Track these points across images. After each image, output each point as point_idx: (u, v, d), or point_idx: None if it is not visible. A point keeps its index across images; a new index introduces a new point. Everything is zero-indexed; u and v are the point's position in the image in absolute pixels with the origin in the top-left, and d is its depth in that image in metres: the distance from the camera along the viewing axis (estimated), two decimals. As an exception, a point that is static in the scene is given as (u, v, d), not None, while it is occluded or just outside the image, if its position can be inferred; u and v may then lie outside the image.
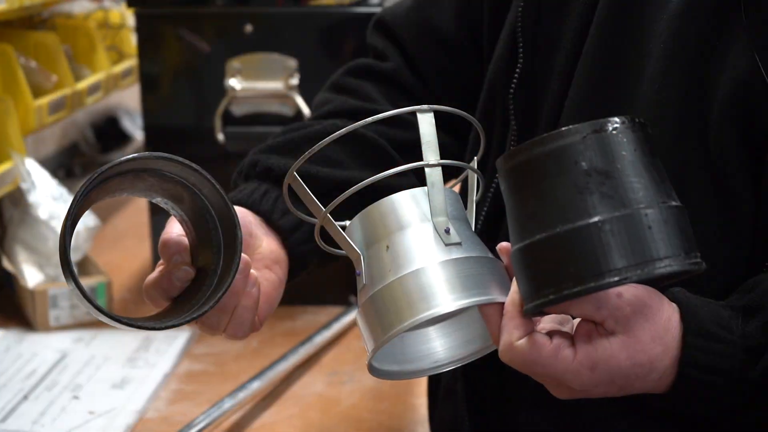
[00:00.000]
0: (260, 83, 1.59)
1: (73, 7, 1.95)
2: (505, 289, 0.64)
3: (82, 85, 1.78)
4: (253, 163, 0.92)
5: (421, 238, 0.67)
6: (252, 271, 0.75)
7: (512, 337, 0.61)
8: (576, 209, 0.55)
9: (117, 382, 1.33)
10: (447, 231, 0.66)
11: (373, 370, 0.70)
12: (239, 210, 0.80)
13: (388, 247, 0.67)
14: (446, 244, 0.65)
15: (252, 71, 1.58)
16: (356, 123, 0.70)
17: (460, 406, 1.00)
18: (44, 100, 1.61)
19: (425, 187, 0.69)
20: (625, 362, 0.60)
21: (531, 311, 0.60)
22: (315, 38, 1.61)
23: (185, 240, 0.75)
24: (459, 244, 0.66)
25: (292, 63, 1.58)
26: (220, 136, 1.58)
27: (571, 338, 0.62)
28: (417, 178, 0.73)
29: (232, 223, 0.72)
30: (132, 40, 2.02)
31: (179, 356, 1.46)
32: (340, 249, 0.72)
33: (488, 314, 0.64)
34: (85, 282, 1.54)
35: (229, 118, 1.60)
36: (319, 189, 0.77)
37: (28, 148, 1.68)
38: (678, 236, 0.56)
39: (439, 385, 1.10)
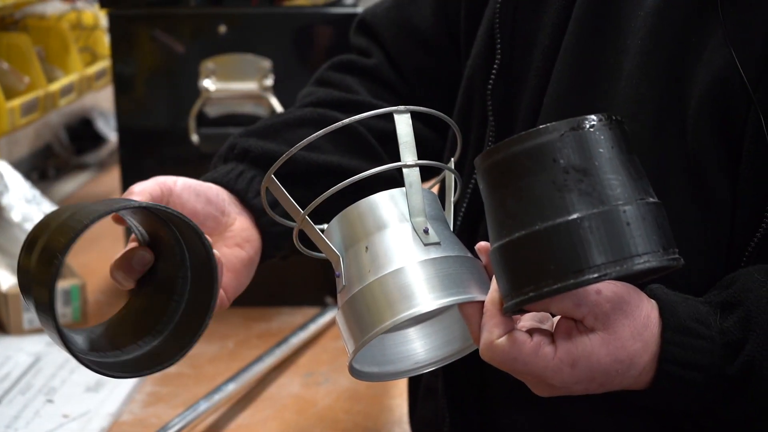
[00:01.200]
0: (234, 84, 1.58)
1: (45, 8, 1.93)
2: (485, 288, 0.64)
3: (55, 86, 1.76)
4: (232, 146, 0.93)
5: (399, 239, 0.67)
6: (216, 252, 0.74)
7: (492, 335, 0.61)
8: (554, 207, 0.55)
9: (91, 385, 1.32)
10: (426, 231, 0.66)
11: (353, 371, 0.70)
12: (214, 187, 0.83)
13: (367, 248, 0.67)
14: (425, 244, 0.66)
15: (226, 72, 1.57)
16: (343, 121, 0.70)
17: (440, 405, 1.00)
18: (16, 102, 1.59)
19: (403, 188, 0.69)
20: (605, 359, 0.60)
21: (511, 309, 0.60)
22: (289, 39, 1.61)
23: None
24: (438, 243, 0.66)
25: (266, 64, 1.57)
26: (195, 138, 1.57)
27: (551, 336, 0.62)
28: (397, 175, 0.74)
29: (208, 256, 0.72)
30: (105, 41, 2.00)
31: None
32: (318, 251, 0.72)
33: (468, 313, 0.64)
34: (60, 284, 1.53)
35: (203, 120, 1.59)
36: (297, 171, 0.78)
37: (0, 150, 1.66)
38: (656, 232, 0.56)
39: (419, 383, 1.10)
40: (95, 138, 2.60)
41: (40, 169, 2.35)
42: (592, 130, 0.57)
